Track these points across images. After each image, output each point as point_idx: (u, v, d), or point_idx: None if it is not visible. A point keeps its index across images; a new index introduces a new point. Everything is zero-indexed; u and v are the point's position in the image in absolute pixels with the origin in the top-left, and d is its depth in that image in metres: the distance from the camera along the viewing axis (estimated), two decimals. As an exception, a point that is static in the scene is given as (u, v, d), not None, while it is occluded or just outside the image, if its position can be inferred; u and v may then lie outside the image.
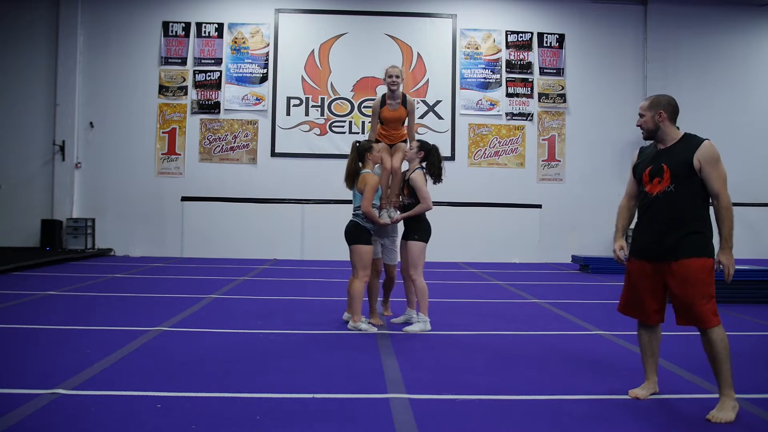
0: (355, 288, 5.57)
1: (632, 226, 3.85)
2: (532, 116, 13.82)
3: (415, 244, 5.65)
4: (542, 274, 11.01)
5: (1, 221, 13.14)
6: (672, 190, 3.54)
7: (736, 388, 3.48)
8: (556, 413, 3.44)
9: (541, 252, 13.48)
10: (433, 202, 5.75)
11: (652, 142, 3.73)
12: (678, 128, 3.65)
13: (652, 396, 3.75)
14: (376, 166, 5.85)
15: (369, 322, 5.72)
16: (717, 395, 3.55)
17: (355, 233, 5.60)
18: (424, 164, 5.81)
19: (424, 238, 5.70)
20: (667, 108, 3.61)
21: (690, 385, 4.01)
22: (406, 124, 6.15)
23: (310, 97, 13.55)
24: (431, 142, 5.95)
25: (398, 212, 5.89)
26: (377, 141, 6.04)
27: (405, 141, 6.12)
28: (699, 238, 3.51)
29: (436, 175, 5.83)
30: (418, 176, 5.71)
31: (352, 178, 5.74)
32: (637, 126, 3.73)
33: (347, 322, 5.79)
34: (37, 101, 13.31)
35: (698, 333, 3.51)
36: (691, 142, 3.54)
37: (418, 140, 5.96)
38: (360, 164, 5.74)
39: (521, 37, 13.89)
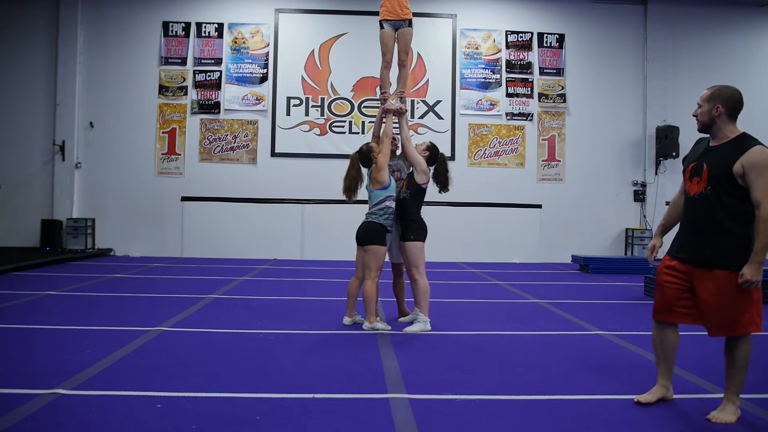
0: (367, 289, 5.56)
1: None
2: (532, 116, 13.81)
3: (412, 244, 5.65)
4: (542, 274, 11.01)
5: (1, 221, 13.13)
6: (707, 193, 3.31)
7: None
8: (556, 413, 3.44)
9: (541, 252, 13.47)
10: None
11: (708, 135, 3.48)
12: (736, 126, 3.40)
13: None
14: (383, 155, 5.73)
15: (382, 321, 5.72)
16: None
17: (370, 234, 5.59)
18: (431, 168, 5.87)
19: (420, 237, 5.69)
20: (727, 103, 3.35)
21: (690, 385, 4.01)
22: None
23: (310, 97, 13.55)
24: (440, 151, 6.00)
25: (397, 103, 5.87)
26: (381, 26, 5.92)
27: (410, 24, 5.91)
28: (734, 248, 3.25)
29: (444, 185, 5.88)
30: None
31: (353, 190, 5.74)
32: (693, 116, 3.48)
33: (347, 325, 5.77)
34: (37, 101, 13.30)
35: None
36: (741, 144, 3.27)
37: (431, 142, 6.02)
38: (362, 172, 5.73)
39: (521, 37, 13.89)
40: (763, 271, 3.22)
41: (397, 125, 5.86)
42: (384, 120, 5.81)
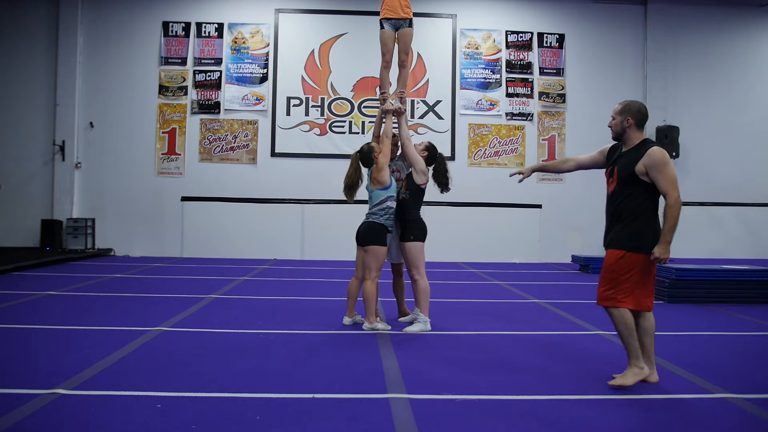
0: (367, 289, 5.55)
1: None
2: (532, 116, 13.81)
3: (412, 244, 5.65)
4: (542, 274, 11.00)
5: (1, 221, 13.14)
6: (617, 190, 3.99)
7: (735, 387, 3.61)
8: (556, 413, 3.44)
9: (541, 252, 13.47)
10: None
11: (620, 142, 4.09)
12: (644, 133, 4.03)
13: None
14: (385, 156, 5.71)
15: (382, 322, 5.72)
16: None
17: (371, 234, 5.58)
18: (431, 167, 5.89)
19: (420, 237, 5.69)
20: (636, 115, 3.95)
21: (690, 385, 4.01)
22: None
23: (310, 97, 13.55)
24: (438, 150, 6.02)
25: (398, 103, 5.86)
26: (381, 26, 5.92)
27: (411, 24, 5.92)
28: (628, 232, 3.88)
29: (444, 184, 5.89)
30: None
31: (353, 190, 5.73)
32: (608, 126, 4.09)
33: (347, 326, 5.77)
34: (37, 101, 13.30)
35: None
36: (642, 149, 3.88)
37: (429, 142, 6.01)
38: (363, 172, 5.73)
39: (521, 37, 13.89)
40: (669, 251, 3.80)
41: (396, 125, 5.86)
42: (384, 120, 5.82)
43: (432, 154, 5.87)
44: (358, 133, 13.39)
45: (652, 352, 3.97)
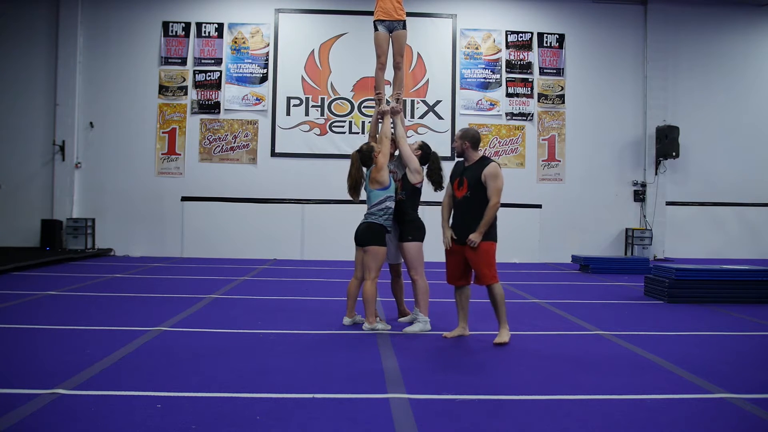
0: (367, 290, 5.55)
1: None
2: (532, 116, 13.81)
3: (411, 244, 5.66)
4: (542, 274, 11.00)
5: (1, 221, 13.13)
6: (469, 195, 5.12)
7: (735, 387, 3.70)
8: (556, 413, 3.44)
9: (541, 252, 13.46)
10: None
11: (463, 159, 5.26)
12: (479, 152, 5.26)
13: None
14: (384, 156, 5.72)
15: (382, 321, 5.71)
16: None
17: (371, 234, 5.58)
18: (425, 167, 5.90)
19: (419, 237, 5.70)
20: (471, 140, 5.21)
21: (690, 385, 4.01)
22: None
23: (310, 97, 13.55)
24: (432, 149, 6.02)
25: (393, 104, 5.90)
26: (375, 28, 5.94)
27: (404, 26, 5.94)
28: (489, 228, 5.08)
29: (438, 182, 5.89)
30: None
31: (357, 189, 5.73)
32: (452, 147, 5.34)
33: (347, 326, 5.77)
34: (37, 101, 13.29)
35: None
36: (483, 163, 5.14)
37: (422, 141, 6.02)
38: (364, 170, 5.73)
39: (521, 37, 13.89)
40: (486, 234, 5.07)
41: (392, 125, 5.87)
42: (380, 121, 5.83)
43: (426, 153, 5.88)
44: (358, 133, 13.39)
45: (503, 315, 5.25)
